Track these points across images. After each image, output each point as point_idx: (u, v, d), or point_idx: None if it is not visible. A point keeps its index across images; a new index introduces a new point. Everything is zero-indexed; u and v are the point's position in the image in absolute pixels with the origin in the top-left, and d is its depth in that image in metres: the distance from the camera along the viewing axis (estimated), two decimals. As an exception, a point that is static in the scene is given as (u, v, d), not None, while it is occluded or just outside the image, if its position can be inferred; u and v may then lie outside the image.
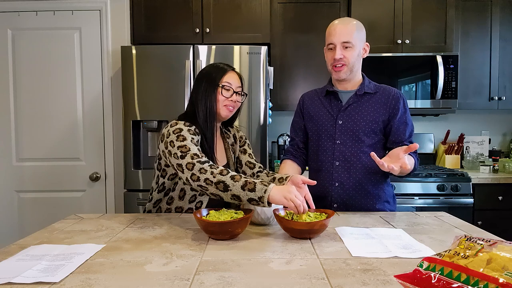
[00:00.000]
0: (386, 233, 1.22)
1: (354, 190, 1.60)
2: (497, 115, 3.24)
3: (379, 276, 0.88)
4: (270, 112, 2.72)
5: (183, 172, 1.32)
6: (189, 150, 1.35)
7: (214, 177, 1.26)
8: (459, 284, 0.66)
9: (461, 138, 3.12)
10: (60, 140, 2.77)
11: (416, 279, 0.73)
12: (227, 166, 1.62)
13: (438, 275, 0.70)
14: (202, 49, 2.53)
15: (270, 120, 2.72)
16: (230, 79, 1.52)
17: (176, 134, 1.41)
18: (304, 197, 1.32)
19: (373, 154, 1.32)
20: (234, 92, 1.51)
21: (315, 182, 1.37)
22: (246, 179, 1.24)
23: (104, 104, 2.78)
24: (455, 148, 3.09)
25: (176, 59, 2.52)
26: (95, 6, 2.75)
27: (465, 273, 0.67)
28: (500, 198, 2.63)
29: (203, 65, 2.50)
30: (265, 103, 2.53)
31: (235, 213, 1.25)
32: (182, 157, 1.33)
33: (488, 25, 2.90)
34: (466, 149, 3.19)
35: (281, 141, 3.05)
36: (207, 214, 1.24)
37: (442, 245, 1.11)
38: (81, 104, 2.77)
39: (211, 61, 2.51)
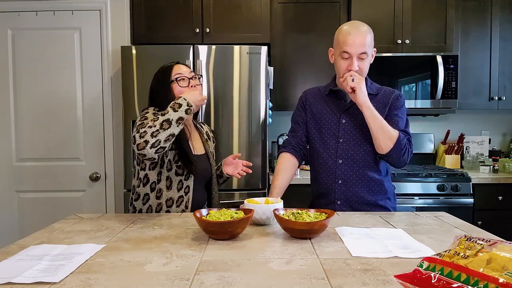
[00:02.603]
0: (386, 233, 1.22)
1: (357, 187, 1.61)
2: (497, 115, 3.24)
3: (379, 276, 0.88)
4: (270, 112, 2.72)
5: (134, 144, 1.38)
6: (143, 123, 1.42)
7: (154, 126, 1.36)
8: (459, 284, 0.66)
9: (461, 138, 3.12)
10: (60, 140, 2.77)
11: (416, 279, 0.72)
12: (205, 156, 1.69)
13: (438, 275, 0.70)
14: (202, 49, 2.52)
15: (270, 120, 2.72)
16: (178, 70, 1.59)
17: (141, 115, 1.50)
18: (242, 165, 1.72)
19: None
20: (189, 78, 1.58)
21: (239, 154, 1.74)
22: (168, 106, 1.42)
23: (104, 104, 2.77)
24: (455, 148, 3.09)
25: (176, 59, 2.49)
26: (95, 6, 2.75)
27: (465, 273, 0.67)
28: (500, 198, 2.63)
29: (203, 65, 2.50)
30: (265, 103, 2.53)
31: (235, 213, 1.25)
32: (137, 131, 1.40)
33: (488, 25, 2.90)
34: (466, 149, 3.19)
35: (281, 141, 3.05)
36: (207, 214, 1.24)
37: (442, 245, 1.11)
38: (81, 104, 2.77)
39: (211, 61, 2.51)
